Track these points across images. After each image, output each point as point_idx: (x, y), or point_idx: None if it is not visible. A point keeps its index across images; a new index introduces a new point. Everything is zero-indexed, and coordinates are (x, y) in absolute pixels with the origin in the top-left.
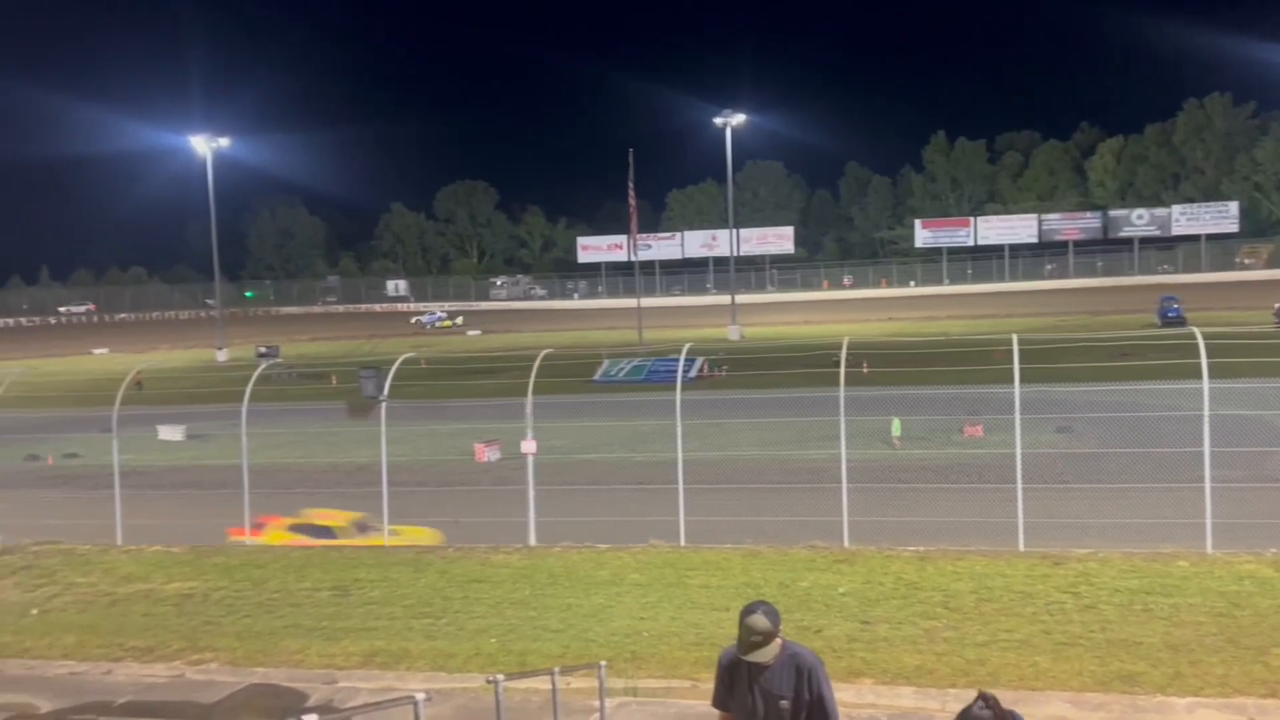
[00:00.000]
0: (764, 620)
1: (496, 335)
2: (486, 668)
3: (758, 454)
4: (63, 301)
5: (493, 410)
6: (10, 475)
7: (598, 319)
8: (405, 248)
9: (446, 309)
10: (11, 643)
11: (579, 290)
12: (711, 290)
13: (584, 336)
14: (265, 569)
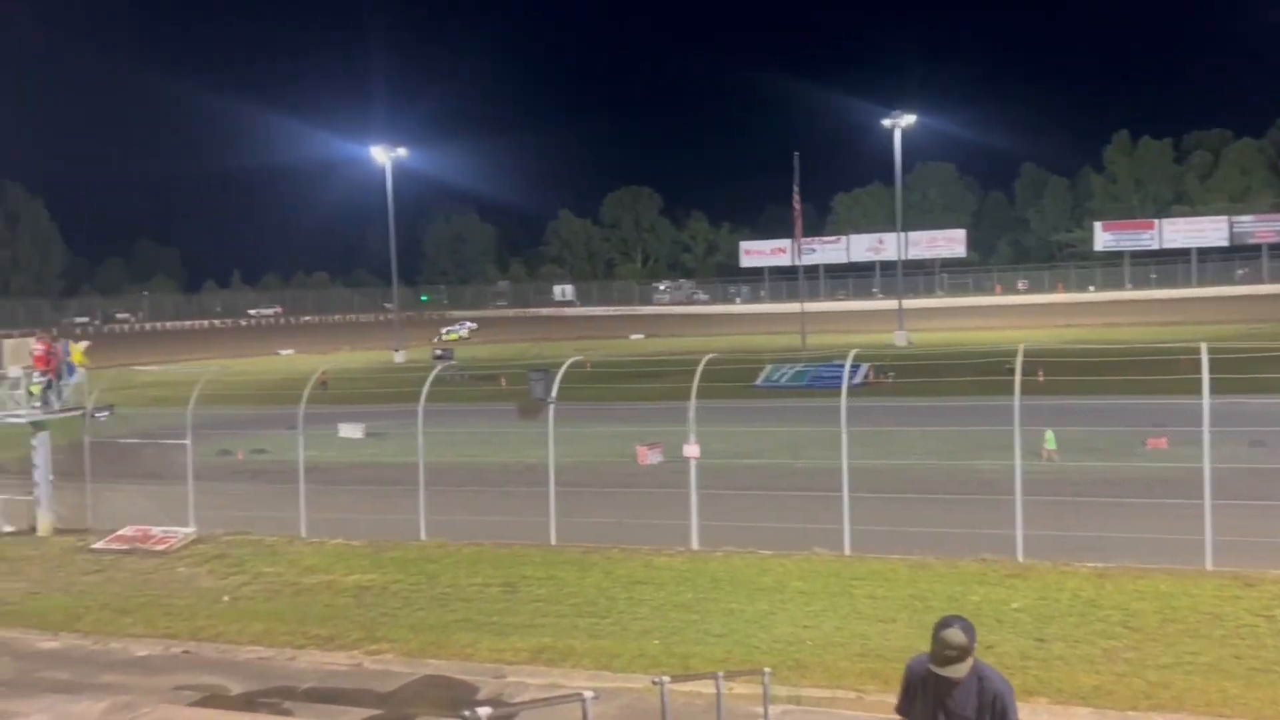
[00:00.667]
0: (960, 635)
1: (659, 340)
2: (650, 669)
3: (926, 463)
4: (252, 304)
5: (655, 413)
6: (204, 469)
7: (760, 324)
8: (572, 253)
9: (464, 324)
10: (206, 627)
11: (741, 295)
12: (878, 295)
13: (746, 341)
14: (438, 564)
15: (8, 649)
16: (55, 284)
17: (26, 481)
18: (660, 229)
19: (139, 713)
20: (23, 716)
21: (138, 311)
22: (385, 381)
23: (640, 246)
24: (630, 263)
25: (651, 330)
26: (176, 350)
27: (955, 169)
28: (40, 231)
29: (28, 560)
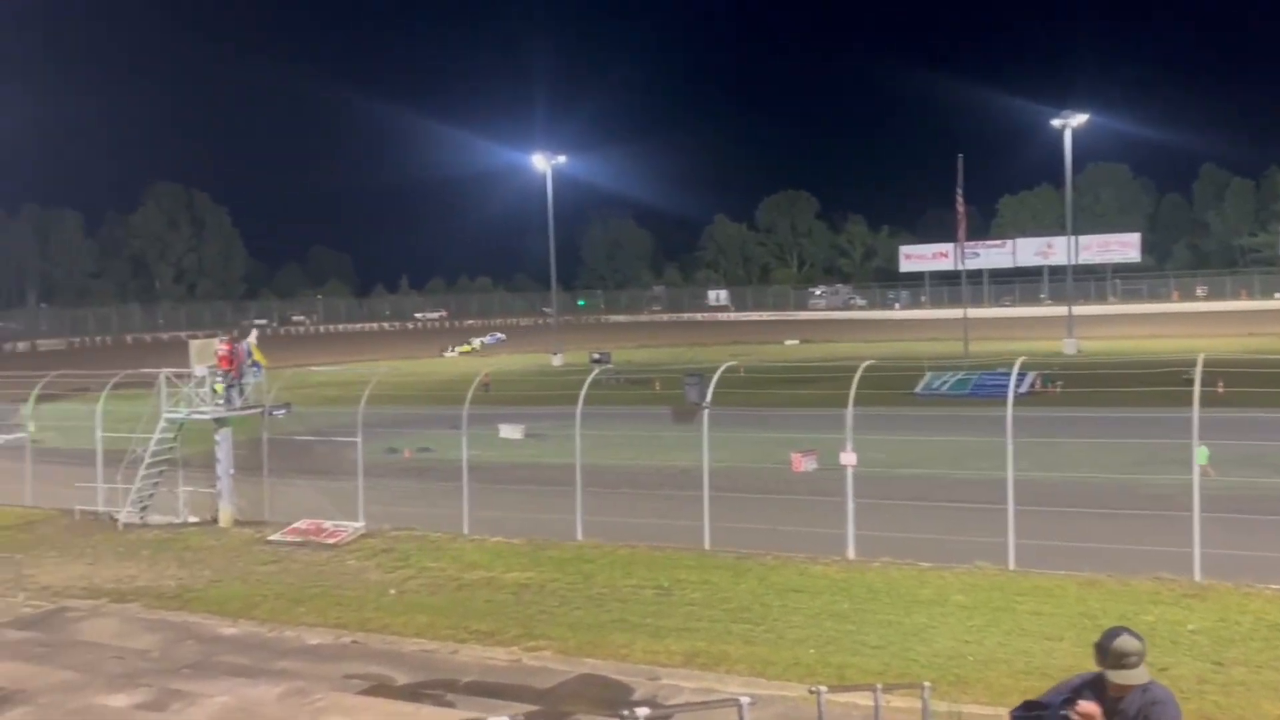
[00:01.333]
0: (1134, 641)
1: (815, 345)
2: (805, 677)
3: (1096, 476)
4: (419, 308)
5: (810, 420)
6: (372, 466)
7: (920, 330)
8: (727, 257)
9: (495, 335)
10: (374, 618)
11: (900, 300)
12: (1045, 301)
13: (905, 347)
14: (594, 564)
15: (192, 633)
16: (237, 288)
17: (209, 475)
18: (817, 233)
19: (312, 699)
20: (206, 697)
21: (312, 314)
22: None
23: (796, 251)
24: (786, 267)
25: (806, 336)
26: (348, 351)
27: (1129, 170)
28: (224, 238)
29: (210, 550)
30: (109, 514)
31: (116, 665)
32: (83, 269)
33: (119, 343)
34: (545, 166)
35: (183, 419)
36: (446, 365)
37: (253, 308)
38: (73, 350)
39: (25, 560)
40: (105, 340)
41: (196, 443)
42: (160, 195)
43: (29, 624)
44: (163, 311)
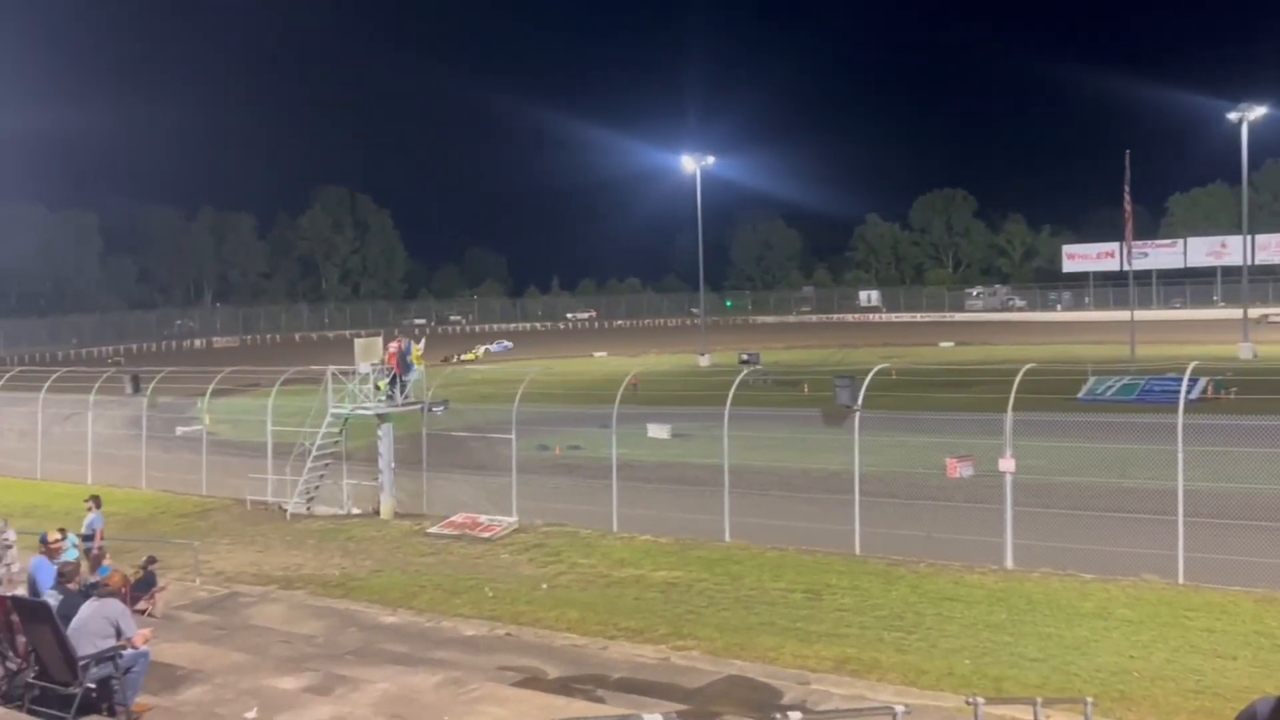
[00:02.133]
0: None
1: (971, 348)
2: (960, 688)
3: (1272, 488)
4: (570, 308)
5: (966, 424)
6: (525, 462)
7: (1082, 332)
8: (878, 258)
9: (501, 343)
10: (526, 612)
11: (1062, 301)
12: (1219, 303)
13: (1067, 351)
14: (742, 565)
15: (355, 620)
16: (398, 288)
17: (372, 468)
18: (974, 232)
19: (468, 689)
20: (369, 683)
21: (468, 314)
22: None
23: (952, 251)
24: (941, 268)
25: (962, 338)
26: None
27: None
28: (386, 240)
29: (372, 540)
30: (278, 504)
31: (284, 649)
32: (255, 269)
33: (288, 340)
34: (694, 167)
35: (347, 414)
36: (595, 365)
37: (412, 307)
38: (245, 347)
39: (201, 546)
40: (275, 338)
41: (360, 437)
42: (326, 198)
43: (205, 607)
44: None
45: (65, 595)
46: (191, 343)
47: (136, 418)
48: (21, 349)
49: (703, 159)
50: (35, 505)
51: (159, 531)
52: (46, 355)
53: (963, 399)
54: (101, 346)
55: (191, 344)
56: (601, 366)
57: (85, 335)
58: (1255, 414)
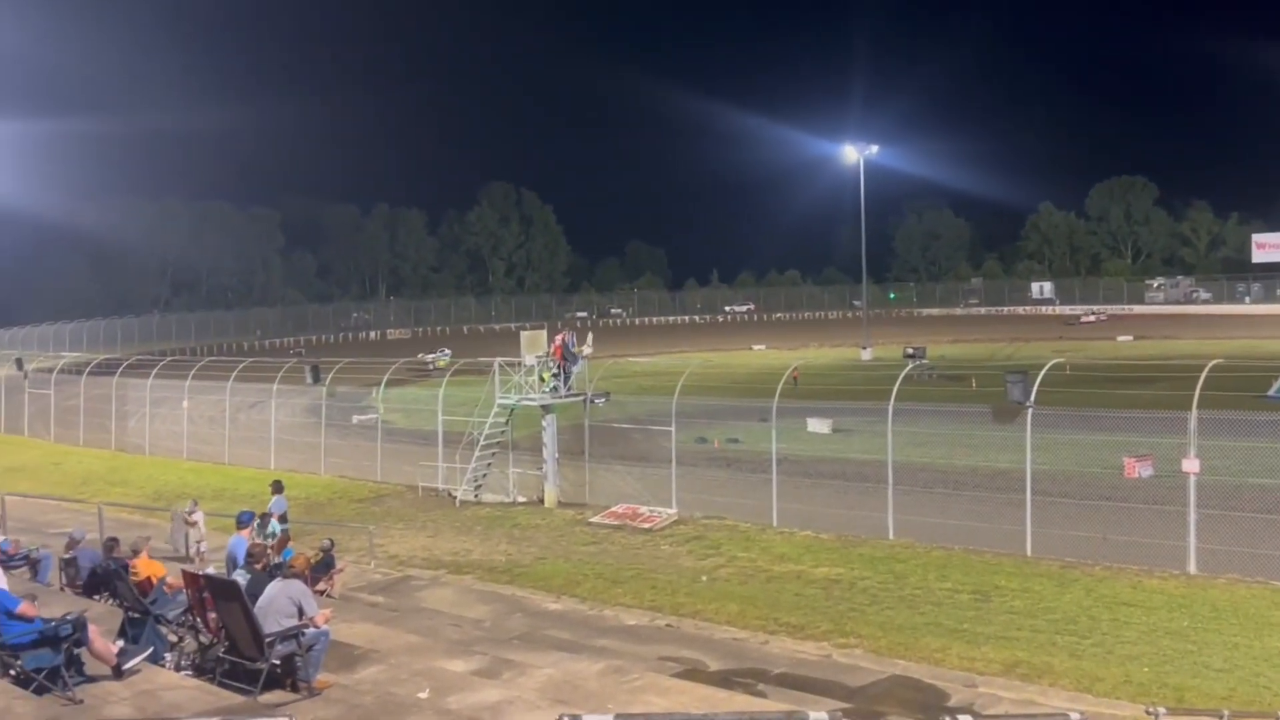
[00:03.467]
0: None
1: (1151, 342)
2: (1137, 697)
3: None
4: (728, 301)
5: (1146, 423)
6: (684, 454)
7: (1273, 326)
8: (1052, 248)
9: (443, 351)
10: (686, 604)
11: (1251, 293)
12: None
13: (1257, 346)
14: (906, 564)
15: (520, 606)
16: (561, 281)
17: (537, 458)
18: (1155, 221)
19: (630, 677)
20: (534, 668)
21: (628, 307)
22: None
23: (1131, 241)
24: (1119, 258)
25: (1141, 332)
26: (661, 343)
27: None
28: (549, 234)
29: (536, 528)
30: (447, 491)
31: (454, 632)
32: (425, 264)
33: (456, 332)
34: (857, 157)
35: (514, 405)
36: (754, 358)
37: (574, 300)
38: (416, 339)
39: (376, 531)
40: (444, 330)
41: (525, 427)
42: (493, 194)
43: (379, 589)
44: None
45: (253, 575)
46: (367, 334)
47: (316, 406)
48: (210, 340)
49: (866, 148)
50: (224, 488)
51: (336, 516)
52: (233, 346)
53: (1142, 396)
54: (283, 338)
55: (367, 335)
56: (761, 360)
57: (269, 328)
58: None
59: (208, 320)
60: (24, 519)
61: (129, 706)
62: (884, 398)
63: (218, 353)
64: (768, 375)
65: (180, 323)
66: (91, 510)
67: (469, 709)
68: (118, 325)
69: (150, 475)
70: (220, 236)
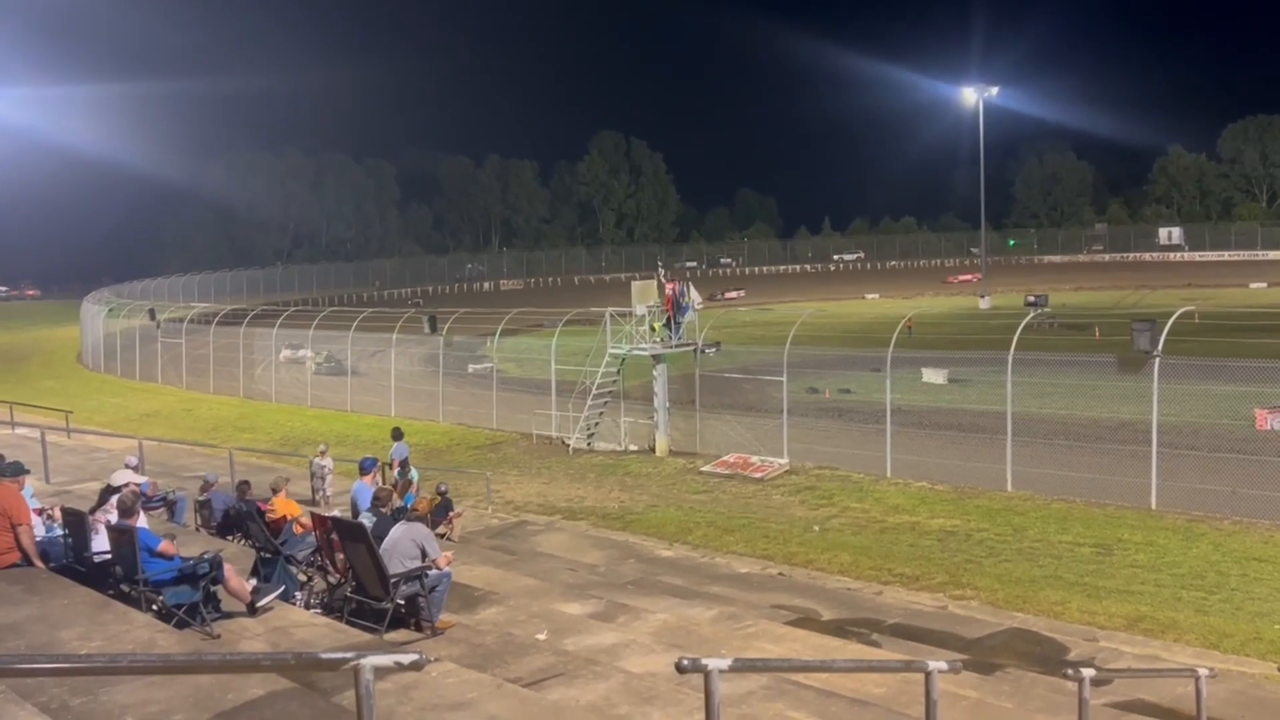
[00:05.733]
0: None
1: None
2: (1268, 654)
3: None
4: (840, 249)
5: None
6: (795, 404)
7: None
8: (1181, 192)
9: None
10: (798, 553)
11: None
12: None
13: None
14: (1025, 516)
15: (634, 552)
16: (670, 231)
17: (647, 407)
18: None
19: (743, 624)
20: (649, 613)
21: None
22: (968, 327)
23: (1266, 183)
24: (1254, 202)
25: (1276, 279)
26: (772, 293)
27: None
28: (659, 184)
29: (648, 476)
30: (560, 439)
31: (570, 576)
32: (537, 215)
33: (567, 283)
34: (976, 99)
35: (625, 354)
36: (867, 308)
37: (684, 250)
38: (528, 289)
39: (493, 477)
40: (556, 281)
41: (636, 376)
42: (603, 144)
43: (496, 534)
44: (605, 254)
45: (379, 518)
46: (481, 285)
47: (433, 355)
48: (330, 290)
49: (985, 90)
50: (346, 434)
51: (455, 462)
52: (352, 296)
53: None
54: (400, 289)
55: (481, 286)
56: (874, 309)
57: (386, 279)
58: None
59: (328, 271)
60: (160, 463)
61: (263, 641)
62: (1003, 347)
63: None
64: (882, 325)
65: (302, 274)
66: (223, 455)
67: (585, 650)
68: (243, 277)
69: (277, 421)
70: (338, 190)
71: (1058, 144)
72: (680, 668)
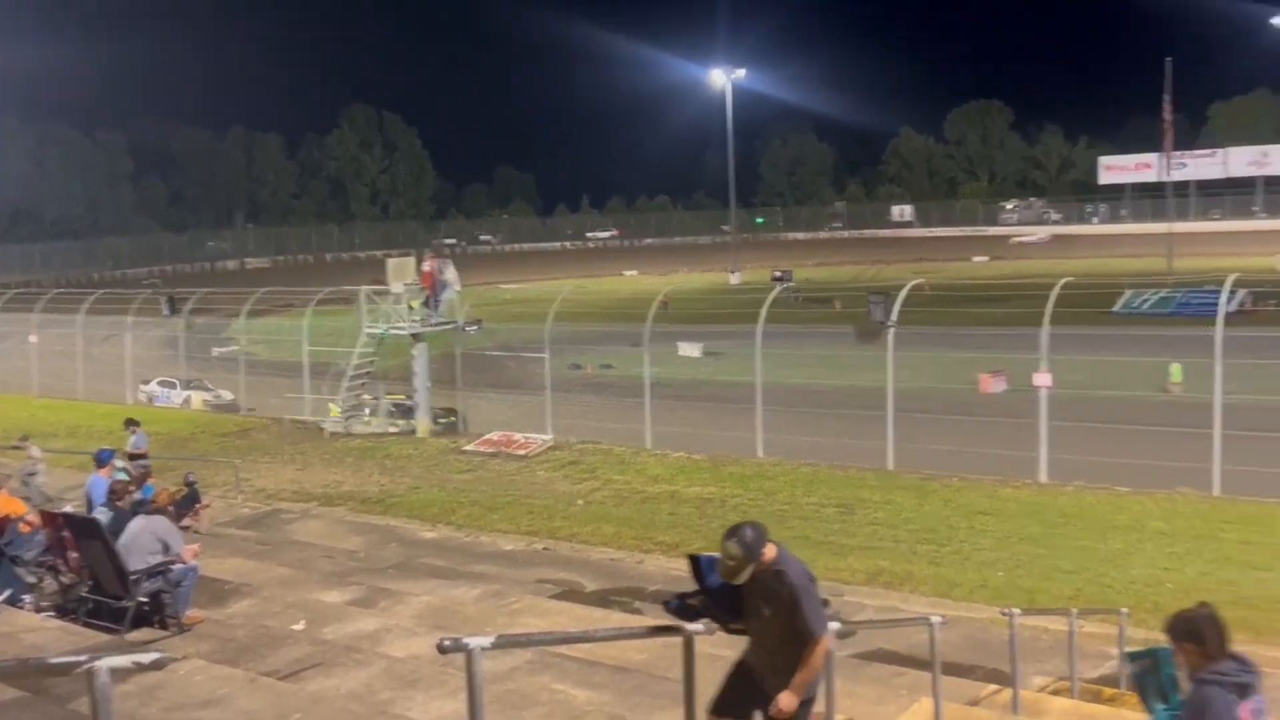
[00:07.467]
0: (735, 547)
1: (1005, 263)
2: (993, 600)
3: None
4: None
5: (1000, 340)
6: (558, 381)
7: (1119, 245)
8: (912, 172)
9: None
10: (563, 527)
11: (1099, 214)
12: (1259, 214)
13: (1103, 264)
14: (775, 481)
15: (395, 536)
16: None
17: (407, 387)
18: (1009, 145)
19: (508, 600)
20: (412, 596)
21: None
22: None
23: (987, 164)
24: (976, 181)
25: (997, 253)
26: (531, 270)
27: None
28: (415, 159)
29: (409, 458)
30: (316, 423)
31: (328, 564)
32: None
33: (319, 261)
34: (724, 81)
35: (382, 334)
36: (626, 284)
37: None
38: (277, 268)
39: (242, 465)
40: (306, 259)
41: (392, 357)
42: (354, 117)
43: (248, 523)
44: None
45: (115, 512)
46: (225, 264)
47: (173, 339)
48: (56, 272)
49: (732, 72)
50: (79, 425)
51: (200, 450)
52: (83, 278)
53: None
54: (136, 269)
55: (225, 265)
56: (632, 285)
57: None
58: None
59: (53, 251)
60: None
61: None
62: (753, 321)
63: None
64: (639, 301)
65: (24, 254)
66: None
67: (346, 638)
68: None
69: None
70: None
71: (800, 126)
72: (442, 648)
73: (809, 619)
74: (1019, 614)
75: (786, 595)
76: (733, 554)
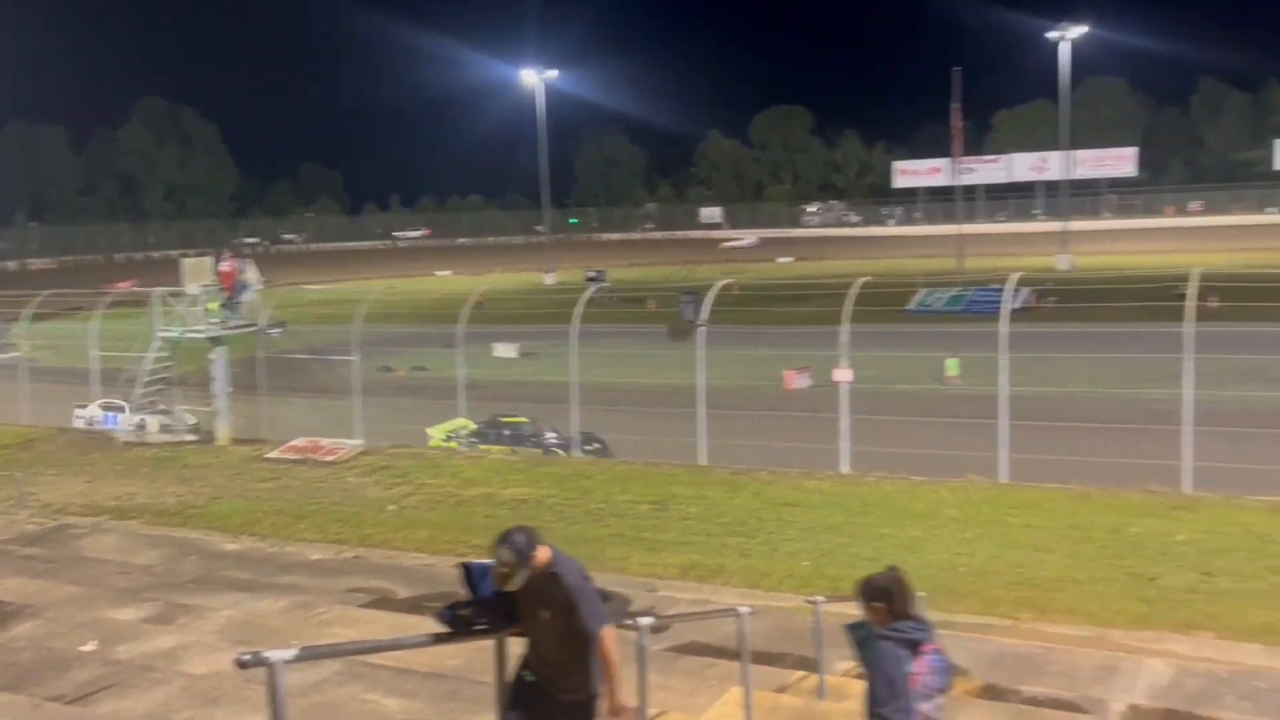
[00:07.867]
0: (507, 553)
1: (809, 263)
2: (800, 589)
3: (1088, 391)
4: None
5: (804, 338)
6: (368, 384)
7: (913, 246)
8: (720, 174)
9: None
10: (374, 534)
11: (895, 216)
12: (1040, 216)
13: (898, 264)
14: (591, 480)
15: (194, 549)
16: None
17: (206, 393)
18: (811, 149)
19: (315, 612)
20: (212, 610)
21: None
22: (536, 303)
23: (790, 168)
24: (779, 184)
25: (800, 253)
26: (340, 270)
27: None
28: (213, 155)
29: (208, 467)
30: (106, 433)
31: (121, 580)
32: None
33: (109, 262)
34: (536, 81)
35: (178, 338)
36: (439, 284)
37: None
38: (63, 269)
39: (26, 478)
40: (96, 259)
41: (190, 361)
42: (146, 110)
43: (32, 540)
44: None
45: None
46: (4, 265)
47: None
48: None
49: (544, 72)
50: None
51: None
52: None
53: (801, 313)
54: None
55: (5, 267)
56: (445, 285)
57: None
58: (1072, 322)
59: None
60: None
61: None
62: (568, 321)
63: None
64: (452, 301)
65: None
66: None
67: (141, 657)
68: None
69: None
70: None
71: (613, 128)
72: (242, 663)
73: (586, 617)
74: (823, 601)
75: (563, 597)
76: (505, 560)
